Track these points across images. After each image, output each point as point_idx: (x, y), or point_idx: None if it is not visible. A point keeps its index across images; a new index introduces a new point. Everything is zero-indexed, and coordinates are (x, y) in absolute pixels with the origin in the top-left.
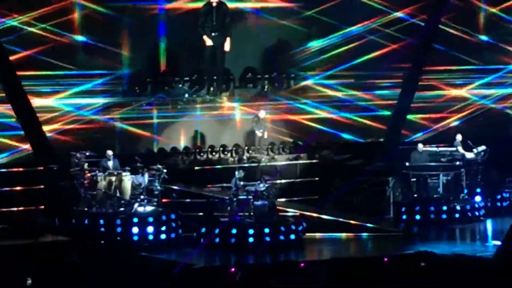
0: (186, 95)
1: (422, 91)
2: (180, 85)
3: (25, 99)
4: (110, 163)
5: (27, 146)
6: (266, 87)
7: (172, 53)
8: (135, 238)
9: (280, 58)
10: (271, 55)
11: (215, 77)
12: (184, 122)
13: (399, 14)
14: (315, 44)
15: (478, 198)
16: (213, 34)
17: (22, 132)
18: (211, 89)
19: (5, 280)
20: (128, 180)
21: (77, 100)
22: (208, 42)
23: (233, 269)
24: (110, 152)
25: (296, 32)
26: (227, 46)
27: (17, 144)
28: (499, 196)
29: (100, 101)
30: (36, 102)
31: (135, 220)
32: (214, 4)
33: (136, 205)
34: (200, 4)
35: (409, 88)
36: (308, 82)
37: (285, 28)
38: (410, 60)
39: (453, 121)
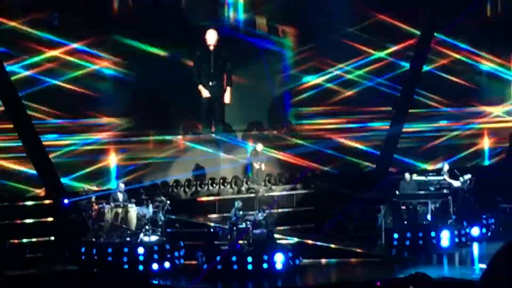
0: None
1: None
2: None
3: (31, 132)
4: (120, 196)
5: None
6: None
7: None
8: (141, 266)
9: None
10: (280, 106)
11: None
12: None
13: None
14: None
15: (465, 224)
16: (210, 83)
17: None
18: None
19: None
20: (133, 211)
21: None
22: (205, 93)
23: None
24: (122, 185)
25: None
26: (227, 98)
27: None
28: (485, 222)
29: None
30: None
31: (141, 249)
32: (212, 48)
33: (141, 235)
34: None
35: (399, 117)
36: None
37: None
38: (400, 89)
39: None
